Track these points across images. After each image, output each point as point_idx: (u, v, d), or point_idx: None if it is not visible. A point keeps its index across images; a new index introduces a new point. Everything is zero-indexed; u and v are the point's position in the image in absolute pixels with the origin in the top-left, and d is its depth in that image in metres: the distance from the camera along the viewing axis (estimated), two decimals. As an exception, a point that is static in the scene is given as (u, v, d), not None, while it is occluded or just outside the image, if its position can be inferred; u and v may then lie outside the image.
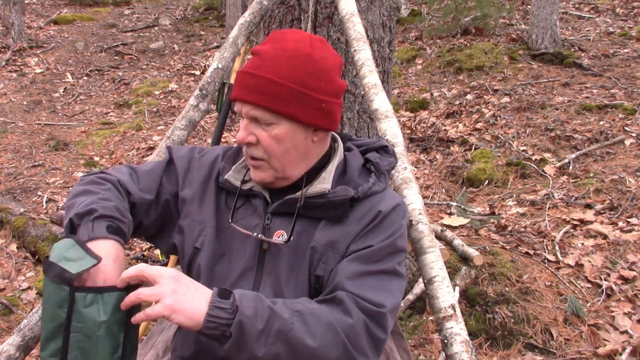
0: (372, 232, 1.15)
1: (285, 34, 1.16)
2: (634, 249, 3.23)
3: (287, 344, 0.97)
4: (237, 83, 1.14)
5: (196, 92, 1.88)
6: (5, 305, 3.19)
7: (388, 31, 2.69)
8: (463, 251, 3.09)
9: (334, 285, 1.10)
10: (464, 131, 5.51)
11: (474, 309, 2.84)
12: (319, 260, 1.14)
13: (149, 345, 1.44)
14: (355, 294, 1.06)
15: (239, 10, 7.85)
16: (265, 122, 1.12)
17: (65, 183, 5.11)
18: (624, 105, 5.37)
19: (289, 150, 1.15)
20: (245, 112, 1.13)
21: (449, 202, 4.18)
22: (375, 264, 1.11)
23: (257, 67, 1.12)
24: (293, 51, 1.12)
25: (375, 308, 1.06)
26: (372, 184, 1.19)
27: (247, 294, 0.99)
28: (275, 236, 1.17)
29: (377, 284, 1.10)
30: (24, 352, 1.34)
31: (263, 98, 1.10)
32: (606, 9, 8.79)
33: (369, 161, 1.25)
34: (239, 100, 1.13)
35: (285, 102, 1.10)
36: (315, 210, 1.17)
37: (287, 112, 1.11)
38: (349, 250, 1.14)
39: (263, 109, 1.11)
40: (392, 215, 1.17)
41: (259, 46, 1.16)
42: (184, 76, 8.57)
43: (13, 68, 8.86)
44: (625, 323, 2.69)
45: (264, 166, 1.16)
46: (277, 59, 1.11)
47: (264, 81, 1.10)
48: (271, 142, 1.13)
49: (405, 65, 7.64)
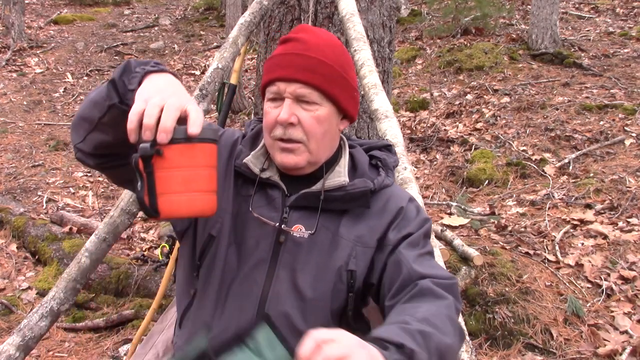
0: (402, 223, 1.17)
1: (307, 27, 1.19)
2: (634, 249, 3.23)
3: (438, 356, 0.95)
4: (279, 64, 1.13)
5: (196, 92, 1.87)
6: (5, 305, 3.19)
7: (388, 31, 2.69)
8: (463, 251, 3.09)
9: (406, 275, 1.10)
10: (464, 131, 5.51)
11: (474, 309, 2.84)
12: (349, 255, 1.14)
13: (149, 345, 1.44)
14: (430, 274, 1.09)
15: (239, 10, 7.84)
16: (310, 101, 1.12)
17: (65, 183, 5.11)
18: (624, 105, 5.37)
19: (326, 133, 1.15)
20: (291, 91, 1.11)
21: (449, 202, 4.18)
22: (422, 247, 1.16)
23: (303, 49, 1.12)
24: (330, 39, 1.17)
25: (450, 281, 1.10)
26: (383, 177, 1.21)
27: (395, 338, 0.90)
28: (293, 230, 1.16)
29: (433, 264, 1.15)
30: (24, 352, 1.34)
31: (314, 77, 1.10)
32: (606, 9, 8.78)
33: (374, 157, 1.26)
34: (286, 78, 1.11)
35: (333, 83, 1.13)
36: (334, 203, 1.17)
37: (333, 94, 1.13)
38: (392, 241, 1.15)
39: (312, 87, 1.11)
40: (412, 206, 1.21)
41: (290, 34, 1.17)
42: (184, 76, 8.57)
43: (13, 68, 8.86)
44: (625, 323, 2.69)
45: (299, 149, 1.14)
46: (320, 44, 1.14)
47: (315, 61, 1.11)
48: (313, 123, 1.12)
49: (405, 65, 7.64)
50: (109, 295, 3.35)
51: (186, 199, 0.90)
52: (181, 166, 0.89)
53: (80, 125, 1.07)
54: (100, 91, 1.01)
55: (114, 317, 3.07)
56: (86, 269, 1.55)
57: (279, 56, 1.14)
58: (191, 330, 1.20)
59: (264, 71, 1.18)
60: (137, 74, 0.97)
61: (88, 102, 1.04)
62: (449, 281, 1.09)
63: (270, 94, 1.15)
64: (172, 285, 3.15)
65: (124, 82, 0.97)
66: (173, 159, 0.88)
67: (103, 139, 1.05)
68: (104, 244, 1.60)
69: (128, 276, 3.36)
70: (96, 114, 1.01)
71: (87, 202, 4.69)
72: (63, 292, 1.50)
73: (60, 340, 2.95)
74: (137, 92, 0.93)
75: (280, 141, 1.14)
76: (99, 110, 1.00)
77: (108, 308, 3.25)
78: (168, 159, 0.88)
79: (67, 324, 3.09)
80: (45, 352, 2.83)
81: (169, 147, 0.87)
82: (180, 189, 0.89)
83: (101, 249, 1.59)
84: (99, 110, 1.00)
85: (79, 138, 1.08)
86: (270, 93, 1.14)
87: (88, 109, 1.04)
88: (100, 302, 3.30)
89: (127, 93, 0.96)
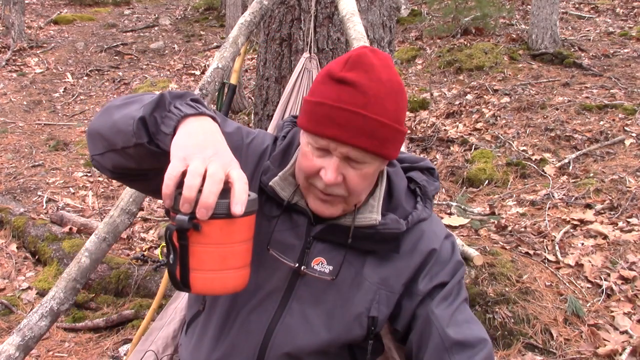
0: (434, 270, 1.12)
1: (367, 57, 1.01)
2: (634, 249, 3.23)
3: None
4: (333, 119, 0.97)
5: (196, 92, 1.87)
6: (5, 305, 3.19)
7: (388, 31, 2.69)
8: (463, 251, 3.09)
9: (438, 341, 1.06)
10: (464, 131, 5.51)
11: (474, 309, 2.84)
12: (372, 300, 1.09)
13: (148, 341, 1.44)
14: (464, 340, 1.05)
15: (239, 10, 7.84)
16: (360, 161, 1.01)
17: (65, 183, 5.11)
18: (624, 105, 5.37)
19: (369, 185, 1.07)
20: (344, 152, 0.99)
21: (449, 202, 4.18)
22: (456, 299, 1.11)
23: (363, 105, 0.97)
24: (391, 83, 1.00)
25: (484, 344, 1.06)
26: (420, 211, 1.13)
27: None
28: (314, 263, 1.10)
29: (466, 316, 1.10)
30: (24, 352, 1.34)
31: (372, 143, 0.98)
32: (606, 9, 8.78)
33: (412, 181, 1.17)
34: (342, 142, 0.98)
35: (388, 143, 1.01)
36: (362, 242, 1.09)
37: (387, 153, 1.02)
38: (418, 290, 1.10)
39: (367, 152, 0.99)
40: (446, 246, 1.15)
41: (345, 72, 0.99)
42: (184, 76, 8.57)
43: (13, 68, 8.86)
44: (625, 323, 2.69)
45: (337, 200, 1.05)
46: (381, 95, 0.98)
47: (375, 124, 0.97)
48: (359, 181, 1.03)
49: (405, 65, 7.64)
50: (109, 295, 3.35)
51: (220, 277, 0.84)
52: (219, 243, 0.83)
53: (99, 141, 0.99)
54: (126, 121, 0.91)
55: (114, 317, 3.07)
56: (86, 269, 1.55)
57: (333, 108, 0.98)
58: (195, 343, 1.17)
59: (309, 113, 1.02)
60: (172, 115, 0.87)
61: (111, 123, 0.94)
62: (484, 351, 1.05)
63: (315, 144, 1.02)
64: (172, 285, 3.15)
65: (156, 120, 0.88)
66: (211, 235, 0.82)
67: (124, 164, 0.98)
68: (104, 244, 1.60)
69: (128, 276, 3.36)
70: (119, 142, 0.93)
71: (87, 202, 4.69)
72: (63, 292, 1.50)
73: (60, 340, 2.95)
74: (174, 145, 0.83)
75: (319, 191, 1.05)
76: (123, 141, 0.92)
77: (108, 308, 3.25)
78: (205, 234, 0.81)
79: (67, 324, 3.09)
80: (45, 352, 2.83)
81: (208, 222, 0.80)
82: (215, 266, 0.83)
83: (101, 249, 1.59)
84: (123, 141, 0.92)
85: (97, 150, 1.00)
86: (316, 144, 1.01)
87: (110, 132, 0.95)
88: (100, 302, 3.30)
89: (158, 133, 0.88)
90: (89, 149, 1.03)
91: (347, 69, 1.00)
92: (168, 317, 1.48)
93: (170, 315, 1.48)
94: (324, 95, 1.00)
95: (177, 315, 1.47)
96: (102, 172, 1.06)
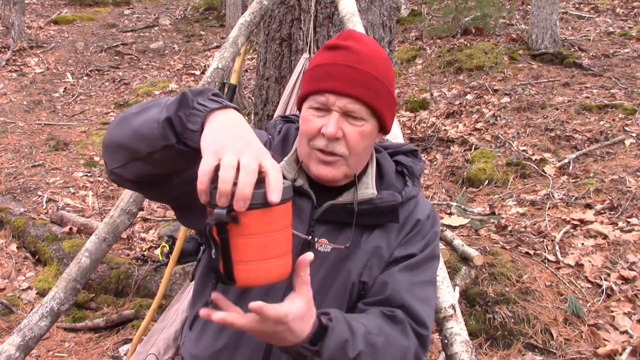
0: (411, 240, 1.16)
1: (355, 34, 1.13)
2: (634, 249, 3.23)
3: None
4: (331, 74, 1.07)
5: (196, 92, 1.87)
6: (5, 305, 3.19)
7: (388, 31, 2.69)
8: (463, 251, 3.09)
9: (391, 296, 1.09)
10: (464, 131, 5.51)
11: (474, 309, 2.84)
12: (364, 266, 1.13)
13: (150, 343, 1.44)
14: (411, 308, 1.08)
15: (239, 10, 7.84)
16: (358, 117, 1.08)
17: (65, 183, 5.11)
18: (624, 105, 5.37)
19: (366, 148, 1.12)
20: (342, 105, 1.07)
21: (449, 202, 4.18)
22: (421, 274, 1.14)
23: (356, 61, 1.07)
24: (379, 51, 1.11)
25: (425, 332, 1.09)
26: (410, 188, 1.19)
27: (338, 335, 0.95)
28: (317, 245, 1.13)
29: (424, 295, 1.13)
30: (24, 352, 1.34)
31: (368, 93, 1.06)
32: (606, 9, 8.79)
33: (399, 164, 1.23)
34: (337, 92, 1.06)
35: (382, 100, 1.09)
36: (364, 218, 1.13)
37: (380, 111, 1.10)
38: (393, 257, 1.14)
39: (363, 104, 1.07)
40: (428, 222, 1.19)
41: (337, 41, 1.11)
42: (184, 76, 8.57)
43: (13, 68, 8.86)
44: (625, 323, 2.69)
45: (338, 162, 1.10)
46: (371, 55, 1.09)
47: (368, 76, 1.06)
48: (358, 138, 1.09)
49: (405, 65, 7.64)
50: (109, 295, 3.35)
51: (263, 267, 0.84)
52: (259, 233, 0.82)
53: (119, 152, 0.98)
54: (150, 125, 0.91)
55: (114, 317, 3.07)
56: (86, 269, 1.55)
57: (330, 65, 1.08)
58: (200, 335, 1.18)
59: (309, 77, 1.12)
60: (198, 112, 0.87)
61: (131, 132, 0.94)
62: (425, 332, 1.08)
63: (315, 103, 1.09)
64: (172, 285, 3.15)
65: (182, 119, 0.88)
66: (250, 226, 0.81)
67: (149, 171, 0.97)
68: (104, 244, 1.60)
69: (128, 276, 3.36)
70: (144, 148, 0.93)
71: (87, 202, 4.69)
72: (63, 292, 1.50)
73: (60, 340, 2.95)
74: (204, 140, 0.83)
75: (320, 152, 1.10)
76: (149, 146, 0.92)
77: (108, 308, 3.25)
78: (245, 226, 0.81)
79: (67, 324, 3.09)
80: (45, 352, 2.83)
81: (246, 213, 0.80)
82: (258, 257, 0.83)
83: (101, 249, 1.59)
84: (149, 146, 0.92)
85: (116, 163, 1.00)
86: (316, 102, 1.09)
87: (131, 140, 0.94)
88: (100, 302, 3.30)
89: (185, 132, 0.88)
90: (107, 163, 1.02)
91: (341, 39, 1.12)
92: (169, 319, 1.48)
93: (172, 317, 1.48)
94: (321, 59, 1.11)
95: (179, 317, 1.46)
96: (123, 185, 1.06)
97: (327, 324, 0.94)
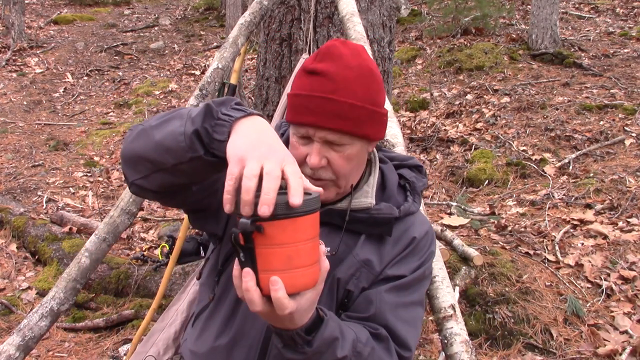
0: (405, 259, 1.15)
1: (337, 48, 1.09)
2: (634, 249, 3.23)
3: None
4: (308, 107, 1.06)
5: (196, 92, 1.87)
6: (5, 305, 3.19)
7: (388, 31, 2.70)
8: (463, 251, 3.09)
9: (374, 315, 1.10)
10: (464, 131, 5.51)
11: (474, 309, 2.84)
12: (352, 275, 1.13)
13: (149, 343, 1.44)
14: (394, 330, 1.09)
15: (239, 10, 7.85)
16: (339, 144, 1.08)
17: (65, 183, 5.11)
18: (624, 105, 5.37)
19: (355, 167, 1.13)
20: (321, 137, 1.07)
21: (449, 202, 4.18)
22: (409, 295, 1.14)
23: (332, 90, 1.05)
24: (359, 69, 1.08)
25: (407, 354, 1.09)
26: (410, 204, 1.18)
27: (327, 338, 0.96)
28: None
29: (409, 316, 1.13)
30: (24, 352, 1.34)
31: (346, 124, 1.06)
32: (606, 9, 8.79)
33: (403, 178, 1.23)
34: (318, 126, 1.06)
35: (364, 124, 1.08)
36: (357, 225, 1.14)
37: (364, 134, 1.09)
38: (384, 274, 1.14)
39: (343, 133, 1.07)
40: (423, 241, 1.18)
41: (315, 64, 1.09)
42: (184, 76, 8.57)
43: (13, 68, 8.86)
44: (625, 323, 2.69)
45: (327, 185, 1.11)
46: (349, 79, 1.06)
47: (345, 106, 1.05)
48: (343, 163, 1.09)
49: (405, 65, 7.64)
50: (109, 295, 3.35)
51: (288, 276, 0.84)
52: (283, 243, 0.82)
53: (141, 164, 1.00)
54: (175, 137, 0.92)
55: (114, 317, 3.07)
56: (86, 269, 1.55)
57: (306, 97, 1.07)
58: (202, 332, 1.20)
59: (290, 105, 1.12)
60: (223, 122, 0.89)
61: (154, 144, 0.96)
62: (407, 354, 1.09)
63: (298, 133, 1.11)
64: (172, 285, 3.15)
65: (208, 130, 0.90)
66: (275, 236, 0.82)
67: (173, 181, 0.99)
68: (104, 244, 1.60)
69: (128, 276, 3.36)
70: (170, 160, 0.94)
71: (87, 202, 4.69)
72: (63, 292, 1.50)
73: (60, 340, 2.95)
74: (229, 148, 0.85)
75: (309, 178, 1.09)
76: (175, 158, 0.94)
77: (108, 308, 3.25)
78: (269, 235, 0.81)
79: (67, 324, 3.09)
80: (45, 352, 2.83)
81: (270, 223, 0.80)
82: (282, 266, 0.83)
83: (101, 249, 1.59)
84: (175, 158, 0.93)
85: (138, 174, 1.02)
86: (299, 132, 1.10)
87: (155, 152, 0.96)
88: (100, 302, 3.30)
89: (212, 142, 0.90)
90: (128, 175, 1.04)
91: (317, 61, 1.09)
92: (169, 319, 1.48)
93: (172, 317, 1.48)
94: (300, 87, 1.10)
95: (179, 317, 1.47)
96: (143, 196, 1.08)
97: (322, 317, 0.95)
